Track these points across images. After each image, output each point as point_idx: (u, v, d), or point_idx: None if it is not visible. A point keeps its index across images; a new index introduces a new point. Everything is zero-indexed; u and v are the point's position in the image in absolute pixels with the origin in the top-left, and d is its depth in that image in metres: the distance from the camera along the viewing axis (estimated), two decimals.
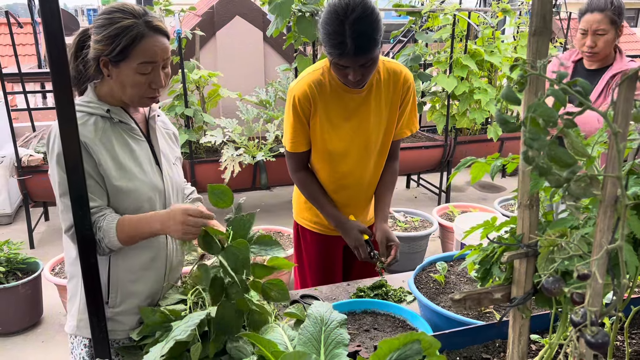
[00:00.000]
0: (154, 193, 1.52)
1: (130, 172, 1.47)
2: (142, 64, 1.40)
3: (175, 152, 1.68)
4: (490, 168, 1.12)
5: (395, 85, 1.89)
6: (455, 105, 4.92)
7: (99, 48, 1.40)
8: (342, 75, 1.73)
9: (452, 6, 4.86)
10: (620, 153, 0.69)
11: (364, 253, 1.92)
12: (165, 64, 1.46)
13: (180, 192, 1.66)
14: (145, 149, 1.54)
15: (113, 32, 1.38)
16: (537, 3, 0.82)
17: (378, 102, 1.89)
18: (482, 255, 1.11)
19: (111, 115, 1.46)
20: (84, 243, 1.34)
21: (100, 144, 1.43)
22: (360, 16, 1.60)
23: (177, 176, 1.65)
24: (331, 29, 1.62)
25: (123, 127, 1.50)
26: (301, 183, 2.00)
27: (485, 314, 1.58)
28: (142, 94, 1.45)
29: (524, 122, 0.70)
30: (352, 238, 1.93)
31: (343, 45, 1.61)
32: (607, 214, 0.74)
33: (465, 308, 1.03)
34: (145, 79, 1.43)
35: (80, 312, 1.52)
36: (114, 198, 1.45)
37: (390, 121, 1.94)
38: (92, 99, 1.47)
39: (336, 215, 1.96)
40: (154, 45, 1.41)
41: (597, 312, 0.73)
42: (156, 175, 1.54)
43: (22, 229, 4.42)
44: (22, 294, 3.06)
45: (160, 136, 1.62)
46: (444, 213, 4.24)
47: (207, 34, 5.25)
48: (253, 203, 5.29)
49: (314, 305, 1.15)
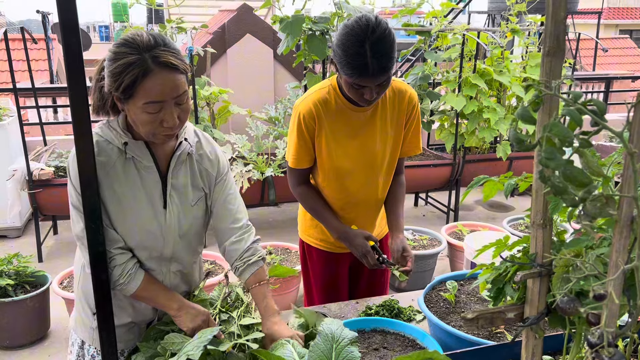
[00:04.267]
0: (147, 238, 1.46)
1: (125, 212, 1.42)
2: (147, 103, 1.29)
3: (199, 192, 1.54)
4: (502, 186, 1.12)
5: (400, 103, 1.91)
6: (464, 124, 4.92)
7: (108, 83, 1.32)
8: (357, 95, 1.73)
9: (461, 26, 4.90)
10: (637, 173, 0.69)
11: (372, 260, 1.85)
12: (179, 100, 1.33)
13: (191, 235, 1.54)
14: (157, 188, 1.46)
15: (117, 69, 1.28)
16: (551, 24, 0.83)
17: (384, 120, 1.90)
18: (494, 274, 1.10)
19: (126, 150, 1.40)
20: (95, 258, 1.35)
21: (104, 177, 1.39)
22: (380, 36, 1.61)
23: (192, 218, 1.52)
24: (352, 51, 1.62)
25: (137, 162, 1.43)
26: (302, 197, 2.00)
27: (497, 334, 1.57)
28: (154, 132, 1.35)
29: (540, 141, 0.71)
30: (358, 245, 1.87)
31: (365, 67, 1.62)
32: (623, 234, 0.73)
33: (477, 327, 1.03)
34: (154, 118, 1.31)
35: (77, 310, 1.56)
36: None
37: (396, 139, 1.95)
38: (118, 126, 1.42)
39: (338, 226, 1.94)
40: (161, 83, 1.28)
41: (613, 333, 0.72)
42: (153, 218, 1.46)
43: (31, 242, 4.44)
44: (30, 307, 3.06)
45: (186, 175, 1.50)
46: (452, 232, 4.22)
47: (218, 51, 5.31)
48: (261, 219, 5.29)
49: (326, 323, 1.15)
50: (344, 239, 1.93)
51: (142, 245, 1.47)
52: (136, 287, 1.44)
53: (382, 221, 2.13)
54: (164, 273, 1.54)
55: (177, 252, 1.53)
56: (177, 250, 1.53)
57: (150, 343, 1.53)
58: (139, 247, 1.47)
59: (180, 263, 1.56)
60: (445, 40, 4.92)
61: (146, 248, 1.48)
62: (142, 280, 1.45)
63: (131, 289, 1.45)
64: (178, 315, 1.48)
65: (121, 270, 1.42)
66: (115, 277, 1.42)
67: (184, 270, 1.59)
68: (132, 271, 1.44)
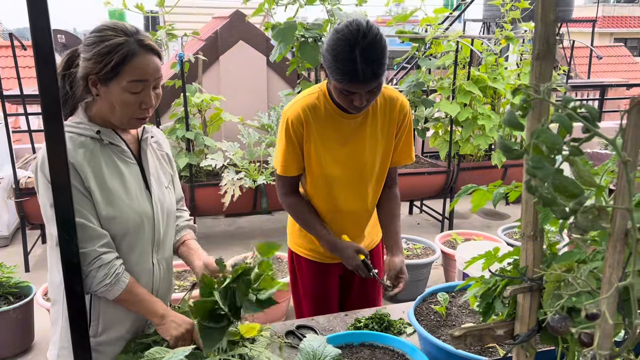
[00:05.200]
0: (141, 219, 1.47)
1: (117, 197, 1.42)
2: (132, 82, 1.37)
3: (168, 175, 1.63)
4: (492, 196, 1.07)
5: (391, 111, 1.86)
6: (459, 131, 4.89)
7: (89, 66, 1.36)
8: (347, 101, 1.69)
9: (455, 33, 4.87)
10: (631, 183, 0.64)
11: (364, 272, 1.86)
12: (156, 84, 1.43)
13: (171, 218, 1.61)
14: (135, 172, 1.50)
15: (104, 49, 1.35)
16: (541, 27, 0.79)
17: (374, 128, 1.86)
18: (484, 288, 1.05)
19: (101, 137, 1.42)
20: (69, 269, 1.29)
21: (88, 167, 1.39)
22: (370, 42, 1.57)
23: (169, 200, 1.59)
24: (342, 56, 1.58)
25: (113, 149, 1.46)
26: (291, 207, 1.95)
27: (488, 348, 1.52)
28: (132, 114, 1.41)
29: (527, 149, 0.66)
30: (348, 258, 1.86)
31: (355, 72, 1.58)
32: (617, 249, 0.68)
33: (466, 345, 0.97)
34: (135, 99, 1.39)
35: (61, 340, 1.46)
36: (101, 223, 1.41)
37: (386, 147, 1.90)
38: (83, 120, 1.43)
39: (329, 238, 1.90)
40: (146, 63, 1.38)
41: (607, 355, 0.67)
42: (145, 200, 1.49)
43: (18, 251, 4.36)
44: (13, 319, 2.99)
45: (153, 158, 1.57)
46: (446, 240, 4.17)
47: (210, 58, 5.27)
48: (253, 227, 5.23)
49: (307, 340, 1.09)
50: (334, 250, 1.90)
51: (136, 229, 1.45)
52: (122, 289, 1.41)
53: (373, 230, 2.08)
54: (152, 265, 1.52)
55: (165, 235, 1.57)
56: (166, 232, 1.57)
57: (130, 356, 1.47)
58: (132, 232, 1.45)
59: (167, 249, 1.59)
60: (439, 48, 4.89)
61: (139, 232, 1.46)
62: (128, 282, 1.42)
63: (117, 291, 1.40)
64: (162, 323, 1.45)
65: (107, 270, 1.38)
66: (99, 279, 1.37)
67: (168, 259, 1.60)
68: (119, 271, 1.40)
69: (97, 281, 1.37)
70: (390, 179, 2.01)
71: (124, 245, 1.46)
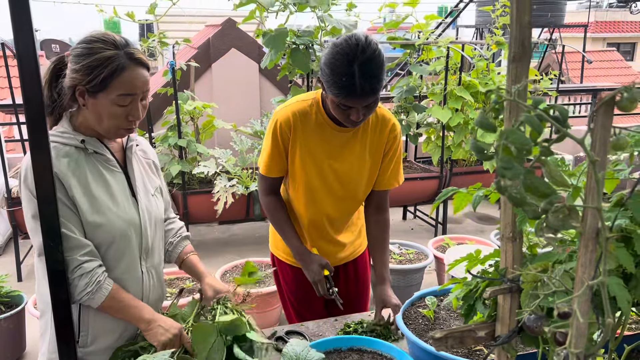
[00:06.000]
0: (128, 227, 1.47)
1: (103, 205, 1.42)
2: (120, 95, 1.37)
3: (154, 183, 1.63)
4: (472, 198, 1.07)
5: (382, 130, 1.87)
6: (451, 136, 4.91)
7: (77, 77, 1.36)
8: (344, 116, 1.69)
9: (445, 39, 4.90)
10: (599, 183, 0.65)
11: (322, 289, 1.87)
12: (144, 96, 1.44)
13: (159, 225, 1.61)
14: (121, 180, 1.50)
15: (94, 62, 1.35)
16: (516, 29, 0.80)
17: (363, 144, 1.86)
18: (465, 290, 1.05)
19: (85, 146, 1.42)
20: (54, 278, 1.29)
21: (72, 177, 1.38)
22: (369, 57, 1.58)
23: (157, 208, 1.59)
24: (340, 70, 1.58)
25: (98, 158, 1.46)
26: (269, 207, 1.95)
27: (476, 351, 1.52)
28: (119, 126, 1.42)
29: (497, 150, 0.67)
30: (312, 272, 1.88)
31: (353, 87, 1.58)
32: (589, 248, 0.69)
33: (447, 347, 0.98)
34: (123, 111, 1.40)
35: (50, 351, 1.45)
36: (86, 232, 1.41)
37: (373, 166, 1.90)
38: (67, 129, 1.43)
39: (298, 247, 1.91)
40: (135, 77, 1.39)
41: (580, 353, 0.67)
42: (132, 208, 1.49)
43: (11, 261, 4.34)
44: (4, 328, 2.97)
45: (138, 166, 1.57)
46: (439, 245, 4.17)
47: (203, 66, 5.28)
48: (246, 235, 5.22)
49: (290, 344, 1.09)
50: (300, 260, 1.91)
51: (124, 237, 1.45)
52: (104, 297, 1.40)
53: (357, 241, 2.09)
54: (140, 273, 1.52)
55: (154, 242, 1.57)
56: (155, 239, 1.57)
57: None
58: (120, 239, 1.44)
59: (156, 256, 1.59)
60: (430, 54, 4.91)
61: (127, 240, 1.46)
62: (110, 289, 1.41)
63: (99, 299, 1.39)
64: (149, 329, 1.44)
65: (88, 279, 1.37)
66: (81, 287, 1.37)
67: (157, 266, 1.60)
68: (101, 279, 1.39)
69: (79, 290, 1.37)
70: (381, 204, 2.01)
71: (112, 253, 1.45)
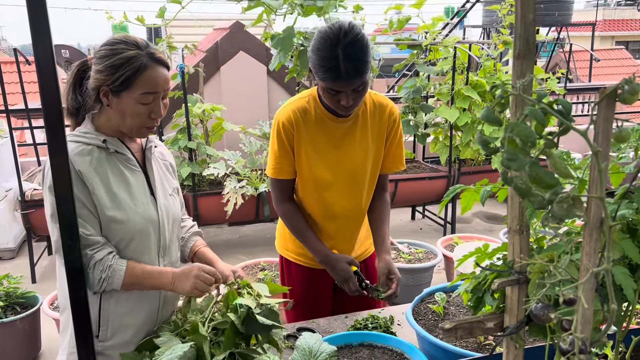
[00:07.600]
0: (147, 224, 1.50)
1: (124, 202, 1.46)
2: (144, 94, 1.43)
3: (172, 183, 1.67)
4: (479, 197, 1.10)
5: (381, 117, 1.89)
6: (459, 136, 4.92)
7: (101, 78, 1.42)
8: (334, 101, 1.72)
9: (452, 39, 4.92)
10: (602, 173, 0.67)
11: (354, 286, 1.83)
12: (165, 95, 1.49)
13: (176, 224, 1.64)
14: (141, 179, 1.54)
15: (117, 62, 1.40)
16: (521, 26, 0.82)
17: (364, 132, 1.88)
18: (474, 283, 1.08)
19: (107, 146, 1.47)
20: (72, 274, 1.32)
21: (95, 174, 1.43)
22: (352, 40, 1.62)
23: (174, 207, 1.63)
24: (324, 54, 1.63)
25: (119, 158, 1.50)
26: (286, 215, 1.96)
27: (485, 345, 1.54)
28: (142, 124, 1.47)
29: (502, 142, 0.69)
30: (341, 271, 1.84)
31: (337, 69, 1.62)
32: (593, 237, 0.71)
33: (456, 338, 1.00)
34: (146, 109, 1.45)
35: (70, 347, 1.49)
36: (106, 228, 1.45)
37: (377, 152, 1.92)
38: (90, 130, 1.48)
39: (321, 249, 1.89)
40: (156, 76, 1.44)
41: (585, 339, 0.70)
42: (150, 206, 1.53)
43: (25, 263, 4.40)
44: (20, 329, 3.02)
45: (157, 167, 1.62)
46: (448, 244, 4.18)
47: (211, 69, 5.33)
48: (256, 235, 5.26)
49: (303, 337, 1.12)
50: (325, 262, 1.89)
51: (142, 235, 1.49)
52: (121, 277, 1.43)
53: (367, 241, 2.09)
54: None
55: (172, 240, 1.61)
56: (172, 238, 1.61)
57: (134, 353, 1.48)
58: (139, 237, 1.48)
59: (174, 254, 1.63)
60: (437, 54, 4.93)
61: (145, 237, 1.50)
62: (125, 268, 1.44)
63: (118, 280, 1.43)
64: (173, 288, 1.49)
65: (102, 267, 1.41)
66: (97, 276, 1.41)
67: (175, 264, 1.63)
68: (112, 263, 1.43)
69: (96, 279, 1.41)
70: (380, 185, 2.02)
71: (131, 250, 1.49)
